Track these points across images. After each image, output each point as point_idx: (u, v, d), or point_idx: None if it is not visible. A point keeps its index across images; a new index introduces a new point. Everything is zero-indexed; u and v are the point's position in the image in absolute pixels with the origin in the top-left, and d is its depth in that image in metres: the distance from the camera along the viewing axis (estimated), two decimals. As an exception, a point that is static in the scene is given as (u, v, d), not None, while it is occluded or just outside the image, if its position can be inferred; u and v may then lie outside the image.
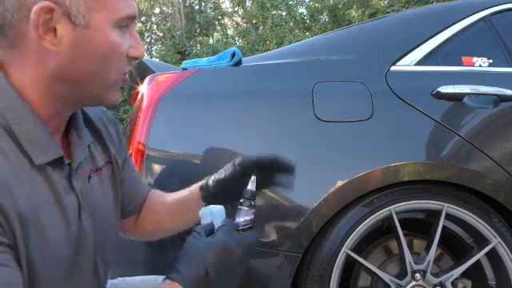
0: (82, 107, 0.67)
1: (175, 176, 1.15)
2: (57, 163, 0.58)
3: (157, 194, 0.92)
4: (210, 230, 0.65)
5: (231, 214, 0.71)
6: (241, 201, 0.71)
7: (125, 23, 0.58)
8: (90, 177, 0.66)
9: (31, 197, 0.53)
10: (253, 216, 0.70)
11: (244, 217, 0.69)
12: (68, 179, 0.60)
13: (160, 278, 0.64)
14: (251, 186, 0.73)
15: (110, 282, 0.87)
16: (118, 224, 0.77)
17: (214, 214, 0.69)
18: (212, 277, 0.59)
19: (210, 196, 0.84)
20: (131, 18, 0.59)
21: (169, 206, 0.89)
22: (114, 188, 0.74)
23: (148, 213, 0.89)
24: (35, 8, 0.51)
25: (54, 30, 0.53)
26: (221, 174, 0.84)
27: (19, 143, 0.53)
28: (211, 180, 0.84)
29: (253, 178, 0.74)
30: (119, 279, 0.88)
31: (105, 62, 0.57)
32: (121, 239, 1.20)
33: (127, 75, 0.63)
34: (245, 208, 0.70)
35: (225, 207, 0.71)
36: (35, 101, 0.56)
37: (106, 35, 0.56)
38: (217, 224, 0.67)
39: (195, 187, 0.87)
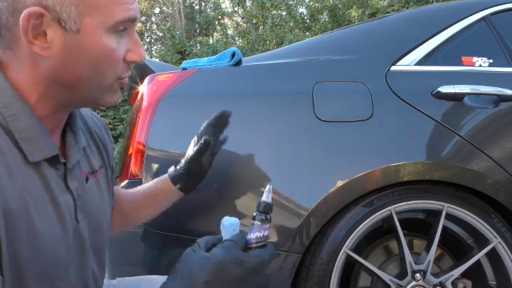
0: (78, 108, 0.67)
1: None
2: (52, 161, 0.58)
3: (119, 191, 0.92)
4: (213, 244, 0.60)
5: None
6: (254, 214, 0.63)
7: (122, 27, 0.56)
8: (87, 178, 0.66)
9: (23, 193, 0.52)
10: (267, 232, 0.62)
11: (256, 233, 0.61)
12: (64, 179, 0.60)
13: (159, 277, 0.62)
14: (266, 196, 0.64)
15: (109, 282, 0.87)
16: (109, 228, 0.76)
17: (225, 226, 0.62)
18: None
19: (179, 179, 0.90)
20: (130, 21, 0.56)
21: (136, 200, 0.91)
22: (109, 192, 0.75)
23: (116, 210, 0.88)
24: (24, 13, 0.50)
25: (45, 34, 0.52)
26: (186, 156, 0.91)
27: (15, 140, 0.53)
28: (178, 168, 0.91)
29: (268, 187, 0.65)
30: (118, 279, 0.88)
31: (97, 67, 0.55)
32: (120, 241, 1.20)
33: (126, 79, 0.61)
34: (257, 223, 0.62)
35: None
36: (32, 100, 0.56)
37: (98, 41, 0.54)
38: (225, 238, 0.61)
39: (164, 177, 0.92)
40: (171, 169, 0.92)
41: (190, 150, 0.91)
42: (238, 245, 0.59)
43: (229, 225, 0.63)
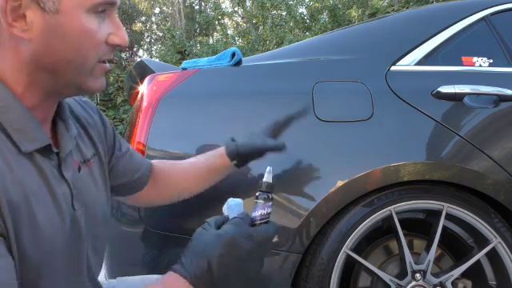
0: (66, 97, 0.66)
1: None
2: (45, 152, 0.58)
3: (167, 163, 0.96)
4: (222, 223, 0.64)
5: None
6: (257, 194, 0.68)
7: (101, 8, 0.56)
8: (79, 168, 0.66)
9: (22, 185, 0.53)
10: (270, 209, 0.67)
11: (260, 210, 0.66)
12: (58, 169, 0.60)
13: (159, 277, 0.63)
14: (267, 177, 0.70)
15: (109, 281, 0.87)
16: (109, 217, 0.77)
17: (230, 206, 0.67)
18: (215, 271, 0.58)
19: (238, 157, 0.93)
20: (109, 4, 0.57)
21: (189, 174, 0.94)
22: (103, 180, 0.75)
23: (162, 182, 0.92)
24: None
25: (25, 16, 0.52)
26: (251, 143, 0.93)
27: (6, 132, 0.53)
28: (240, 147, 0.92)
29: (268, 168, 0.70)
30: (119, 279, 0.88)
31: (78, 49, 0.55)
32: (120, 241, 1.20)
33: (108, 64, 0.61)
34: (261, 201, 0.67)
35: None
36: (19, 90, 0.56)
37: (77, 21, 0.54)
38: (231, 217, 0.65)
39: (219, 151, 0.94)
40: (230, 144, 0.93)
41: (259, 140, 0.95)
42: (246, 221, 0.64)
43: (234, 205, 0.67)
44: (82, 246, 0.64)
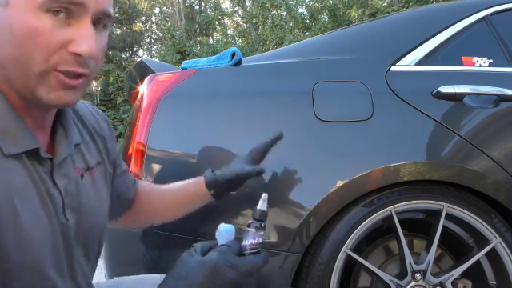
0: (34, 102, 0.59)
1: (175, 176, 1.15)
2: (35, 156, 0.56)
3: (148, 186, 0.93)
4: (209, 249, 0.62)
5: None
6: (249, 222, 0.66)
7: (55, 7, 0.50)
8: (82, 175, 0.65)
9: (6, 186, 0.51)
10: (261, 239, 0.65)
11: (250, 240, 0.64)
12: (50, 175, 0.59)
13: (158, 276, 0.63)
14: (261, 205, 0.68)
15: (108, 281, 0.87)
16: (107, 225, 0.75)
17: (220, 232, 0.65)
18: None
19: (215, 186, 0.90)
20: (71, 4, 0.51)
21: (166, 199, 0.91)
22: (107, 188, 0.74)
23: (141, 205, 0.90)
24: None
25: None
26: (229, 171, 0.90)
27: None
28: (219, 176, 0.89)
29: (264, 195, 0.68)
30: (118, 279, 0.88)
31: (21, 47, 0.51)
32: (120, 241, 1.20)
33: (71, 80, 0.53)
34: (252, 230, 0.65)
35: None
36: (4, 90, 0.54)
37: (25, 18, 0.50)
38: (220, 243, 0.64)
39: (198, 180, 0.90)
40: (209, 173, 0.91)
41: (237, 167, 0.91)
42: (232, 249, 0.62)
43: (224, 231, 0.65)
44: (73, 252, 0.63)
